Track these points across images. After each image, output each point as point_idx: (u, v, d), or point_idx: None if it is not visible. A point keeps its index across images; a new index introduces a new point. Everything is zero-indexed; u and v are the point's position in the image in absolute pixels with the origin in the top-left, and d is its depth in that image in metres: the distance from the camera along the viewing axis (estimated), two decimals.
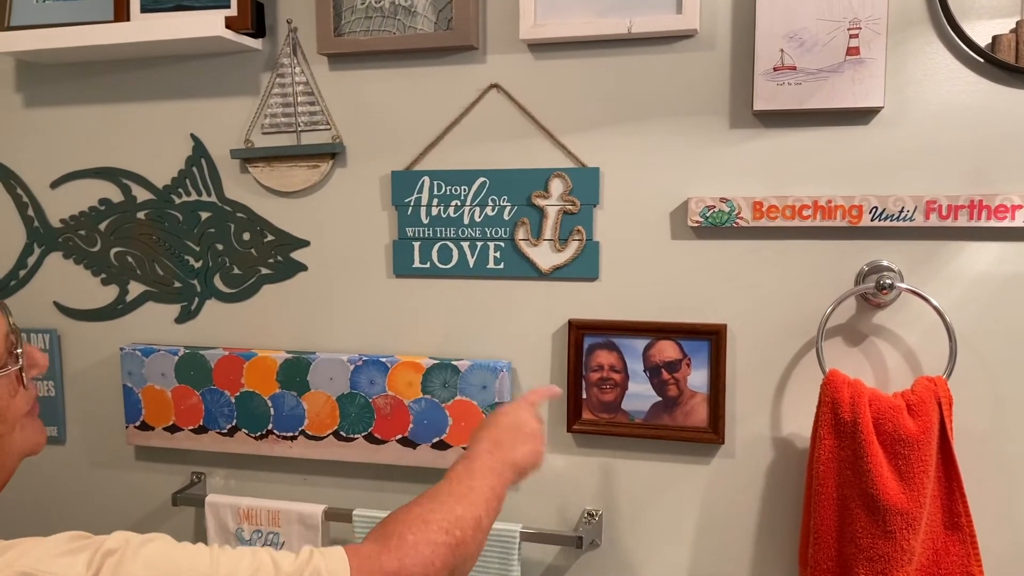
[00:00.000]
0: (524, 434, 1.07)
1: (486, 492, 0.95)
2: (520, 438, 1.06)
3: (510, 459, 1.03)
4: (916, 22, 1.18)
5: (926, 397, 1.13)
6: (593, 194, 1.32)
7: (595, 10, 1.27)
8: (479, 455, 1.01)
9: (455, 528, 0.88)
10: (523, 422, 1.09)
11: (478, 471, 0.98)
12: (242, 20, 1.39)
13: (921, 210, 1.18)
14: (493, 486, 0.97)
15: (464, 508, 0.91)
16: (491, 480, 0.98)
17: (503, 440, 1.05)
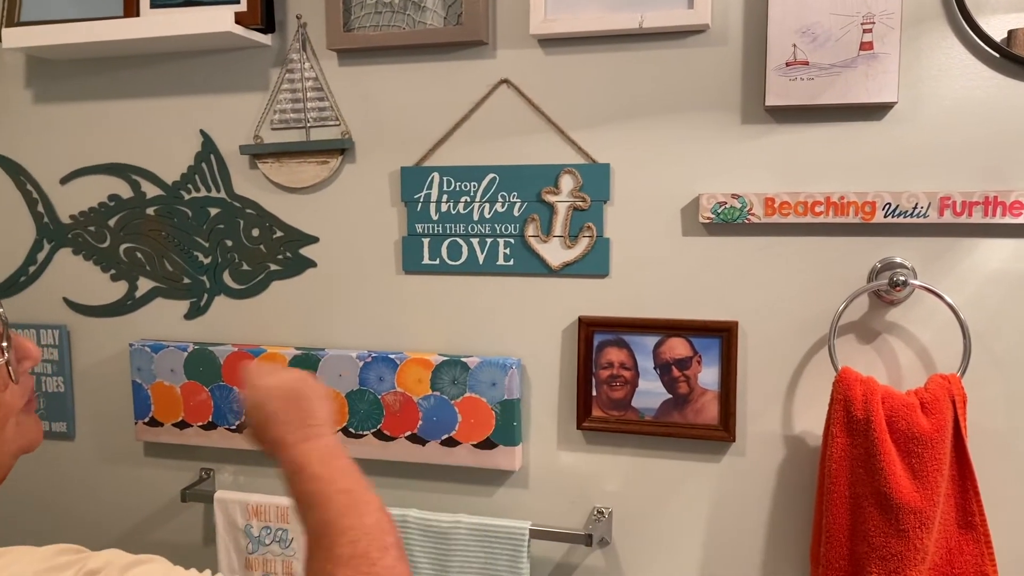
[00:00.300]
0: (301, 390, 0.87)
1: (347, 480, 0.80)
2: (301, 392, 0.87)
3: (319, 425, 0.85)
4: (930, 17, 1.17)
5: (940, 395, 1.12)
6: (603, 190, 1.32)
7: (606, 5, 1.26)
8: (301, 455, 0.82)
9: (372, 537, 0.74)
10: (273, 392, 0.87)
11: (317, 470, 0.80)
12: (252, 15, 1.39)
13: (935, 207, 1.16)
14: (341, 467, 0.81)
15: (358, 513, 0.76)
16: (331, 465, 0.81)
17: (292, 418, 0.85)
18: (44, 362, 1.62)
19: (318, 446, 0.82)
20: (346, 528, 0.74)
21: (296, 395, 0.86)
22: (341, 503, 0.76)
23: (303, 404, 0.85)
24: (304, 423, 0.84)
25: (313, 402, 0.86)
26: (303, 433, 0.83)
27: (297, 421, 0.84)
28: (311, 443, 0.83)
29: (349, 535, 0.73)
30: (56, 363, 1.61)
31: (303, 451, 0.82)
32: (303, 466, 0.80)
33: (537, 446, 1.40)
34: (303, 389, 0.87)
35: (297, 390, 0.86)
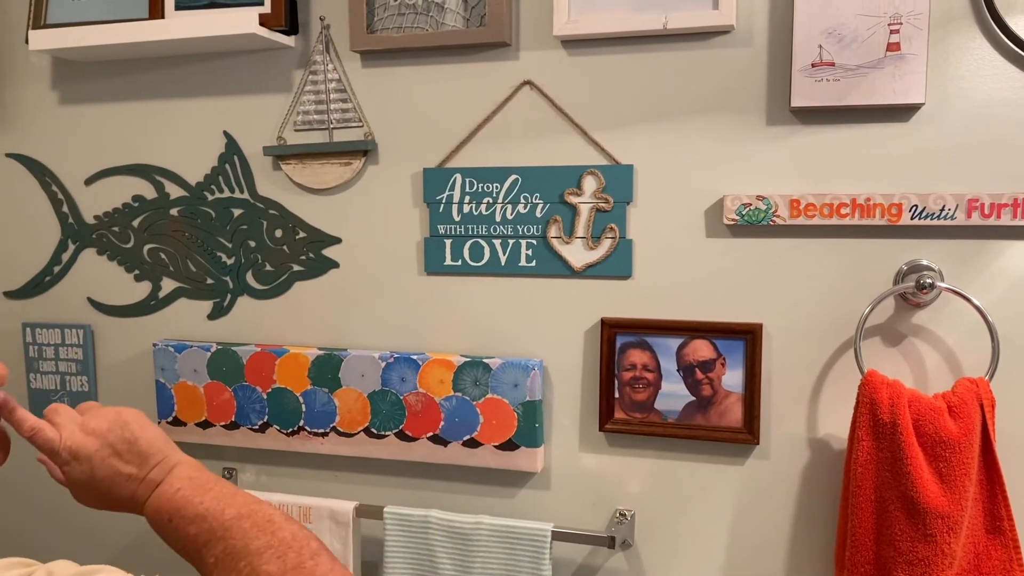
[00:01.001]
0: (121, 446, 0.79)
1: (235, 505, 0.75)
2: (115, 452, 0.79)
3: (163, 459, 0.80)
4: (959, 17, 1.16)
5: (968, 398, 1.11)
6: (627, 191, 1.31)
7: (630, 6, 1.26)
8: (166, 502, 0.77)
9: (298, 547, 0.70)
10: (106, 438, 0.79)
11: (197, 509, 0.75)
12: (275, 17, 1.39)
13: (963, 209, 1.16)
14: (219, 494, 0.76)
15: (270, 531, 0.72)
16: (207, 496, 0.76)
17: (132, 477, 0.79)
18: (68, 361, 1.63)
19: (179, 482, 0.76)
20: (263, 548, 0.69)
21: (121, 443, 0.78)
22: (243, 528, 0.71)
23: (134, 449, 0.78)
24: (146, 465, 0.78)
25: (139, 442, 0.78)
26: (152, 479, 0.78)
27: (138, 470, 0.78)
28: (169, 483, 0.77)
29: (269, 552, 0.69)
30: (80, 362, 1.63)
31: (167, 497, 0.76)
32: (176, 511, 0.75)
33: (559, 448, 1.40)
34: (122, 434, 0.78)
35: (117, 439, 0.78)
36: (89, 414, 0.82)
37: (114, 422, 0.80)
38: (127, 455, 0.78)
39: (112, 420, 0.80)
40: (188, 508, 0.75)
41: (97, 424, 0.79)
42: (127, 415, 0.81)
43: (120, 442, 0.79)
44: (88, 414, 0.82)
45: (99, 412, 0.81)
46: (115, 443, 0.79)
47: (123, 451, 0.79)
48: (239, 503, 0.74)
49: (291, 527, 0.72)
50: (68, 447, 0.78)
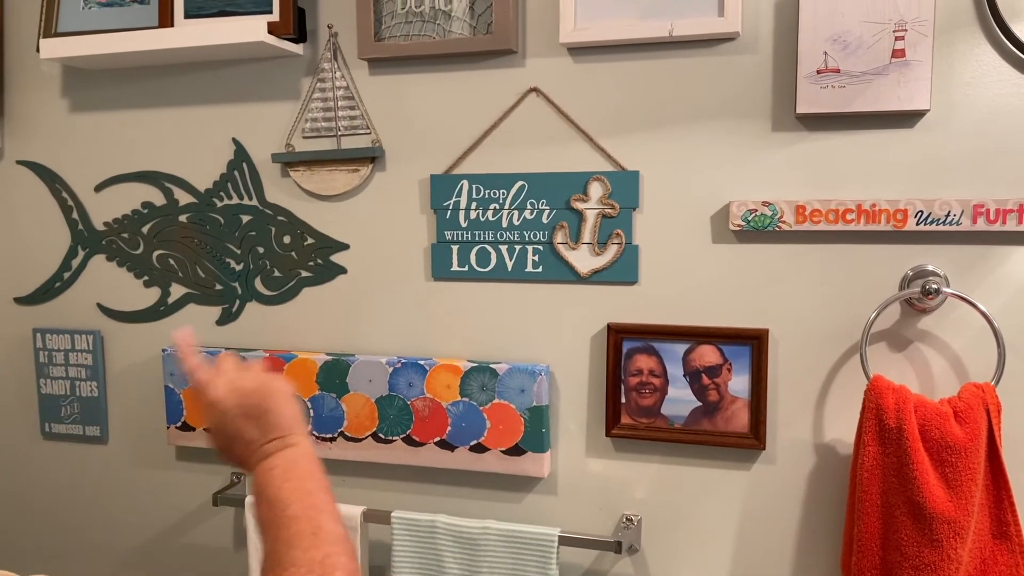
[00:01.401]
0: (253, 413, 0.82)
1: (301, 503, 0.75)
2: (255, 417, 0.82)
3: (283, 438, 0.81)
4: (964, 24, 1.17)
5: (974, 404, 1.12)
6: (632, 197, 1.32)
7: (636, 13, 1.27)
8: (260, 476, 0.79)
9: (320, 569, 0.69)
10: (230, 414, 0.83)
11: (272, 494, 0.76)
12: (284, 25, 1.40)
13: (968, 214, 1.16)
14: (297, 488, 0.77)
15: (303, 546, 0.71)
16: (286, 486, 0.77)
17: (254, 440, 0.82)
18: (78, 367, 1.65)
19: (279, 462, 0.78)
20: (288, 563, 0.69)
21: (254, 410, 0.81)
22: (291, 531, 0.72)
23: (263, 419, 0.81)
24: (265, 437, 0.81)
25: (270, 414, 0.81)
26: (265, 450, 0.80)
27: (258, 438, 0.81)
28: (272, 460, 0.79)
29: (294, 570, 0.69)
30: (90, 368, 1.64)
31: (262, 472, 0.78)
32: (261, 490, 0.77)
33: (566, 453, 1.40)
34: (260, 402, 0.82)
35: (253, 405, 0.82)
36: (246, 373, 0.86)
37: (260, 389, 0.83)
38: (256, 421, 0.82)
39: (259, 386, 0.83)
40: (269, 490, 0.77)
41: (244, 384, 0.83)
42: (275, 385, 0.84)
43: (255, 408, 0.82)
44: (245, 372, 0.86)
45: (253, 375, 0.85)
46: (250, 407, 0.82)
47: (254, 416, 0.82)
48: (306, 504, 0.75)
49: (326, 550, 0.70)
50: (210, 396, 0.83)
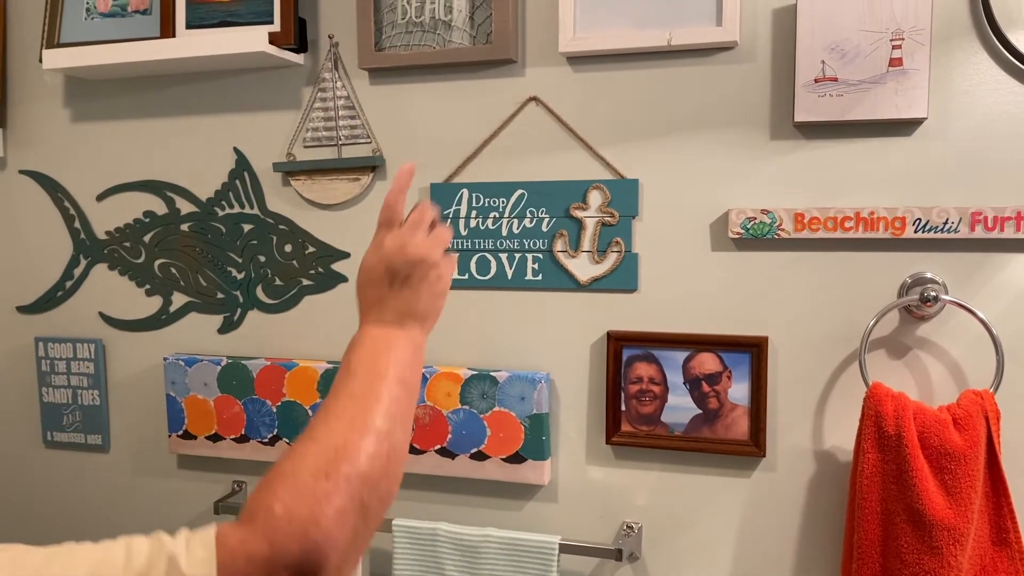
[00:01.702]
0: (403, 276, 0.83)
1: (383, 388, 0.75)
2: (401, 281, 0.83)
3: (403, 312, 0.82)
4: (960, 32, 1.17)
5: (973, 411, 1.12)
6: (632, 206, 1.33)
7: (634, 23, 1.28)
8: (367, 336, 0.80)
9: (338, 464, 0.67)
10: (391, 261, 0.83)
11: (366, 360, 0.77)
12: (285, 36, 1.41)
13: (966, 222, 1.16)
14: (394, 370, 0.76)
15: (351, 431, 0.70)
16: (390, 363, 0.77)
17: (382, 297, 0.83)
18: (80, 375, 1.65)
19: (381, 335, 0.80)
20: (321, 435, 0.70)
21: (400, 276, 0.82)
22: (338, 407, 0.72)
23: (401, 291, 0.83)
24: (389, 305, 0.82)
25: (409, 291, 0.82)
26: (380, 315, 0.82)
27: (385, 300, 0.82)
28: (378, 328, 0.81)
29: (312, 444, 0.69)
30: (91, 376, 1.64)
31: (363, 333, 0.81)
32: (350, 349, 0.79)
33: (566, 460, 1.40)
34: (410, 275, 0.83)
35: (404, 274, 0.82)
36: (425, 242, 0.85)
37: (418, 265, 0.83)
38: (393, 287, 0.83)
39: (419, 261, 0.83)
40: (353, 354, 0.78)
41: (411, 251, 0.83)
42: (432, 273, 0.84)
43: (402, 276, 0.83)
44: (425, 241, 0.85)
45: (427, 249, 0.84)
46: (399, 273, 0.83)
47: (397, 282, 0.83)
48: (370, 389, 0.74)
49: (345, 436, 0.69)
50: (380, 238, 0.86)
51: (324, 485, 0.65)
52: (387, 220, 0.87)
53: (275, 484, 0.66)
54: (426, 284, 0.83)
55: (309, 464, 0.67)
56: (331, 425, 0.70)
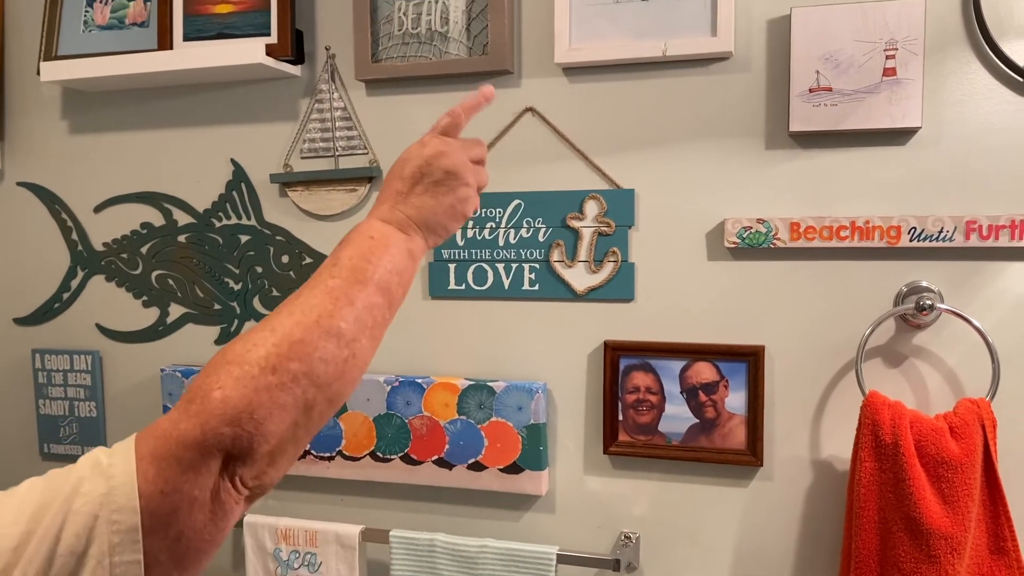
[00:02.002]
0: (431, 181, 0.82)
1: (361, 292, 0.72)
2: (426, 186, 0.82)
3: (413, 217, 0.81)
4: (953, 42, 1.18)
5: (969, 419, 1.12)
6: (628, 215, 1.33)
7: (630, 33, 1.28)
8: (368, 229, 0.79)
9: (289, 361, 0.66)
10: (428, 162, 0.83)
11: (355, 257, 0.75)
12: (282, 47, 1.42)
13: (961, 230, 1.17)
14: (380, 274, 0.75)
15: (313, 328, 0.68)
16: (379, 267, 0.75)
17: (401, 194, 0.82)
18: (77, 387, 1.65)
19: (374, 230, 0.78)
20: (279, 323, 0.68)
21: (425, 180, 0.82)
22: (310, 300, 0.70)
23: (421, 192, 0.82)
24: (387, 200, 0.82)
25: (427, 196, 0.82)
26: (380, 208, 0.82)
27: (400, 192, 0.82)
28: (372, 222, 0.80)
29: (268, 332, 0.68)
30: (88, 388, 1.64)
31: (363, 225, 0.80)
32: (346, 237, 0.78)
33: (564, 471, 1.40)
34: (436, 181, 0.82)
35: (431, 179, 0.82)
36: (463, 155, 0.84)
37: (448, 176, 0.82)
38: (414, 186, 0.82)
39: (449, 174, 0.82)
40: (343, 249, 0.76)
41: (444, 160, 0.83)
42: (460, 191, 0.83)
43: (427, 181, 0.82)
44: (464, 154, 0.85)
45: (462, 163, 0.84)
46: (426, 176, 0.82)
47: (418, 182, 0.82)
48: (342, 278, 0.73)
49: (301, 330, 0.68)
50: (425, 138, 0.85)
51: (269, 378, 0.65)
52: (444, 127, 0.86)
53: (220, 369, 0.65)
54: (451, 197, 0.83)
55: (260, 353, 0.66)
56: (295, 318, 0.68)
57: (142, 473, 0.61)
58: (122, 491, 0.61)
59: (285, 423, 0.65)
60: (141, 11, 1.51)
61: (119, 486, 0.61)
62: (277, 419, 0.65)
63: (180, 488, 0.62)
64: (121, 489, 0.61)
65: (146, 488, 0.61)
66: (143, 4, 1.52)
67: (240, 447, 0.63)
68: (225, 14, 1.45)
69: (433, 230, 0.83)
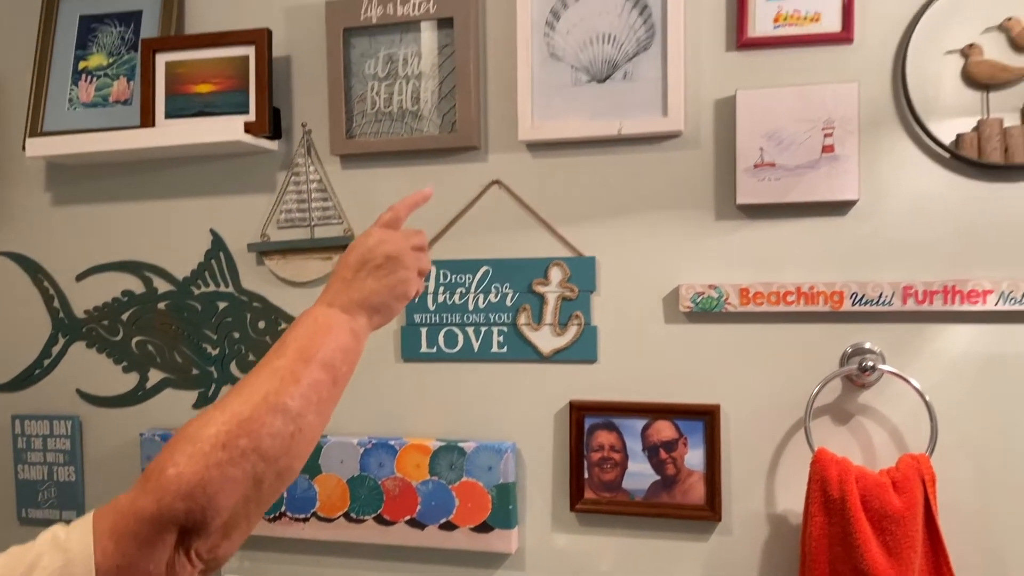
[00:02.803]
0: (373, 265, 0.89)
1: (306, 370, 0.77)
2: (369, 271, 0.89)
3: (356, 300, 0.87)
4: (886, 121, 1.27)
5: (910, 474, 1.18)
6: (590, 281, 1.40)
7: (588, 113, 1.37)
8: (312, 315, 0.84)
9: (238, 437, 0.70)
10: (370, 249, 0.90)
11: (300, 339, 0.80)
12: (260, 125, 1.49)
13: (899, 295, 1.25)
14: (323, 353, 0.79)
15: (260, 405, 0.73)
16: (322, 346, 0.80)
17: (346, 280, 0.88)
18: (56, 451, 1.68)
19: (318, 314, 0.84)
20: (229, 402, 0.74)
21: (365, 267, 0.89)
22: (257, 380, 0.76)
23: (361, 280, 0.88)
24: (331, 288, 0.88)
25: (368, 284, 0.88)
26: (324, 297, 0.88)
27: (334, 285, 0.88)
28: (316, 308, 0.86)
29: (219, 412, 0.73)
30: (68, 452, 1.67)
31: (307, 311, 0.85)
32: (292, 323, 0.84)
33: (532, 528, 1.45)
34: (374, 269, 0.89)
35: (371, 266, 0.89)
36: (402, 244, 0.92)
37: (383, 265, 0.89)
38: (355, 275, 0.89)
39: (384, 264, 0.89)
40: (290, 332, 0.82)
41: (382, 247, 0.90)
42: (396, 277, 0.90)
43: (367, 268, 0.89)
44: (403, 243, 0.92)
45: (401, 250, 0.91)
46: (364, 264, 0.89)
47: (356, 270, 0.89)
48: (286, 350, 0.79)
49: (249, 408, 0.73)
50: (369, 230, 0.93)
51: (219, 455, 0.69)
52: (386, 221, 0.95)
53: (175, 448, 0.70)
54: (392, 279, 0.89)
55: (211, 431, 0.70)
56: (244, 396, 0.74)
57: (100, 548, 0.66)
58: (79, 563, 0.65)
59: (235, 496, 0.70)
60: (125, 89, 1.58)
61: (76, 558, 0.65)
62: (228, 493, 0.69)
63: (137, 563, 0.66)
64: (78, 560, 0.65)
65: (104, 563, 0.65)
66: (127, 83, 1.59)
67: (194, 521, 0.68)
68: (205, 93, 1.52)
69: (377, 310, 0.89)
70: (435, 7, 1.42)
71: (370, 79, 1.47)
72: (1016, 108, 1.22)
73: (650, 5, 1.33)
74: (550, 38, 1.38)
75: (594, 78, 1.36)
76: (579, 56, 1.37)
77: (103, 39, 1.61)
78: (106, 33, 1.61)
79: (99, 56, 1.61)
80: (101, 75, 1.60)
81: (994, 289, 1.21)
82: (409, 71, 1.46)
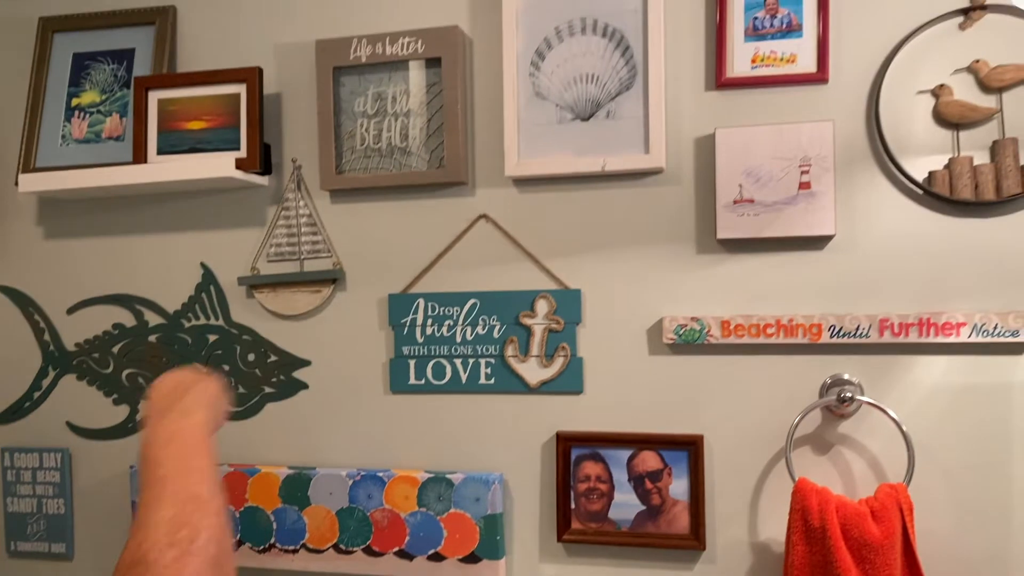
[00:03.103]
0: (189, 388, 0.94)
1: (166, 470, 0.77)
2: (185, 392, 0.92)
3: (186, 409, 0.88)
4: (860, 159, 1.31)
5: (888, 503, 1.21)
6: (576, 313, 1.43)
7: (572, 150, 1.40)
8: (156, 432, 0.83)
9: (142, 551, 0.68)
10: (163, 402, 0.91)
11: (153, 453, 0.80)
12: (251, 161, 1.52)
13: (875, 328, 1.28)
14: (175, 453, 0.80)
15: (142, 523, 0.72)
16: (168, 448, 0.80)
17: (173, 402, 0.90)
18: (45, 484, 1.68)
19: (168, 428, 0.83)
20: (143, 523, 0.71)
21: (173, 387, 0.93)
22: (152, 495, 0.74)
23: (177, 392, 0.92)
24: (168, 410, 0.87)
25: (184, 397, 0.90)
26: (163, 417, 0.86)
27: (166, 409, 0.87)
28: (163, 424, 0.83)
29: (143, 532, 0.70)
30: (57, 485, 1.68)
31: (151, 431, 0.83)
32: (142, 450, 0.81)
33: (520, 559, 1.46)
34: (183, 391, 0.92)
35: (174, 386, 0.94)
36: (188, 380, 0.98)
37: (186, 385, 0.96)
38: (172, 402, 0.92)
39: (191, 385, 0.96)
40: (148, 450, 0.81)
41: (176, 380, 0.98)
42: (200, 384, 0.97)
43: (178, 394, 0.94)
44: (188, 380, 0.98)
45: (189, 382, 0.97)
46: (175, 394, 0.94)
47: (174, 398, 0.93)
48: (178, 467, 0.78)
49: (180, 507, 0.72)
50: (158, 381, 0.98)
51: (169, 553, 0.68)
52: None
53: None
54: (196, 389, 0.96)
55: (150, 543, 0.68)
56: (135, 542, 0.70)
57: None
58: None
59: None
60: (117, 126, 1.61)
61: None
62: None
63: None
64: None
65: None
66: (119, 119, 1.61)
67: None
68: (197, 130, 1.55)
69: (200, 408, 0.93)
70: (423, 47, 1.46)
71: (359, 116, 1.51)
72: (985, 146, 1.26)
73: (632, 46, 1.38)
74: (535, 78, 1.42)
75: (578, 116, 1.40)
76: (563, 95, 1.41)
77: (96, 76, 1.64)
78: (99, 70, 1.64)
79: (92, 93, 1.63)
80: (94, 112, 1.63)
81: (967, 322, 1.25)
82: (398, 108, 1.49)
